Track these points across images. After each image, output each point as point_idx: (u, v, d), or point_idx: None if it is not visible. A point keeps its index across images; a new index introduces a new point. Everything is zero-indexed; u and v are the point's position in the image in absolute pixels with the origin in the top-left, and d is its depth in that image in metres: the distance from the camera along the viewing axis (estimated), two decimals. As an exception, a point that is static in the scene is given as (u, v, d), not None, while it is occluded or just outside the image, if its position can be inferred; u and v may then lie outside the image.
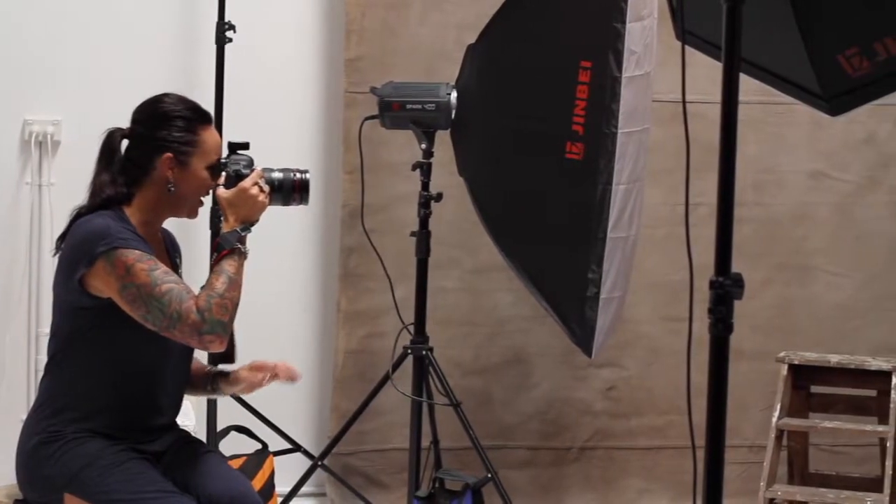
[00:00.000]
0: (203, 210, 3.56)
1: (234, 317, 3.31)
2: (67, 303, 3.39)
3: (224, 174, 3.47)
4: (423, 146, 4.67)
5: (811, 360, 5.00)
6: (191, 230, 4.68)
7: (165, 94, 3.50)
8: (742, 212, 4.73)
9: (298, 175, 3.54)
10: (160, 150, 3.41)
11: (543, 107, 4.52)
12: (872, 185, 5.52)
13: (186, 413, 4.01)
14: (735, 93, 2.45)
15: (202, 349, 3.38)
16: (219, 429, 4.90)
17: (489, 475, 4.68)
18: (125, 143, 3.47)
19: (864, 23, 2.83)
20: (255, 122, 5.00)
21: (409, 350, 4.73)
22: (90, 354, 3.39)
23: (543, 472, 5.42)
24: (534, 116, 4.54)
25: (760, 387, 5.31)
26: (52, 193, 5.11)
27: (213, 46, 4.95)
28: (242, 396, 4.76)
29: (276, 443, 4.92)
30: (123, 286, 3.27)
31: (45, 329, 3.99)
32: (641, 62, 4.39)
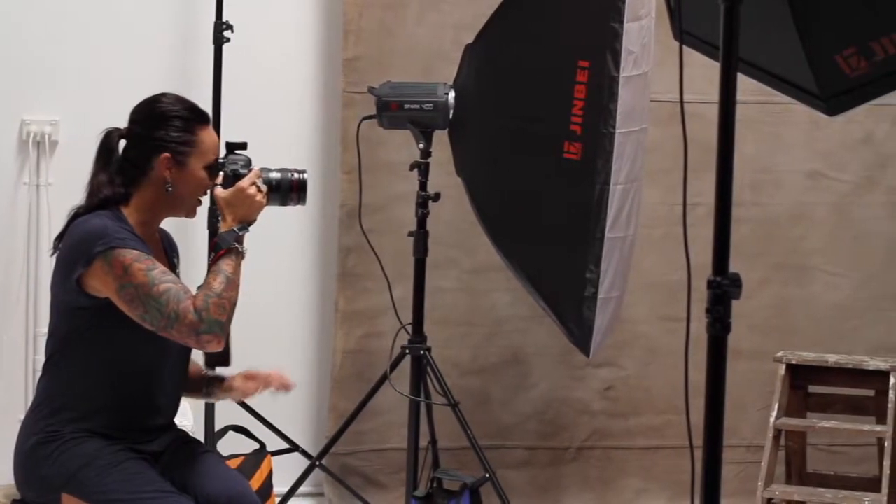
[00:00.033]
0: (201, 210, 3.57)
1: (232, 317, 3.31)
2: (65, 303, 3.39)
3: (222, 174, 3.47)
4: (421, 146, 4.67)
5: (809, 360, 5.00)
6: (189, 230, 4.68)
7: (163, 94, 3.50)
8: (740, 212, 4.75)
9: (296, 175, 3.54)
10: (158, 150, 3.41)
11: (541, 107, 4.52)
12: (870, 185, 5.52)
13: (184, 413, 4.01)
14: (733, 93, 2.45)
15: (200, 349, 3.38)
16: (217, 429, 4.89)
17: (487, 475, 4.68)
18: (123, 143, 3.47)
19: (862, 23, 2.84)
20: (253, 122, 4.99)
21: (407, 350, 4.73)
22: (88, 354, 3.38)
23: (541, 472, 5.42)
24: (531, 116, 4.54)
25: (758, 387, 5.31)
26: (50, 193, 5.11)
27: (211, 46, 4.95)
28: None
29: (274, 443, 4.92)
30: (121, 286, 3.27)
31: (43, 329, 4.00)
32: (639, 62, 4.39)
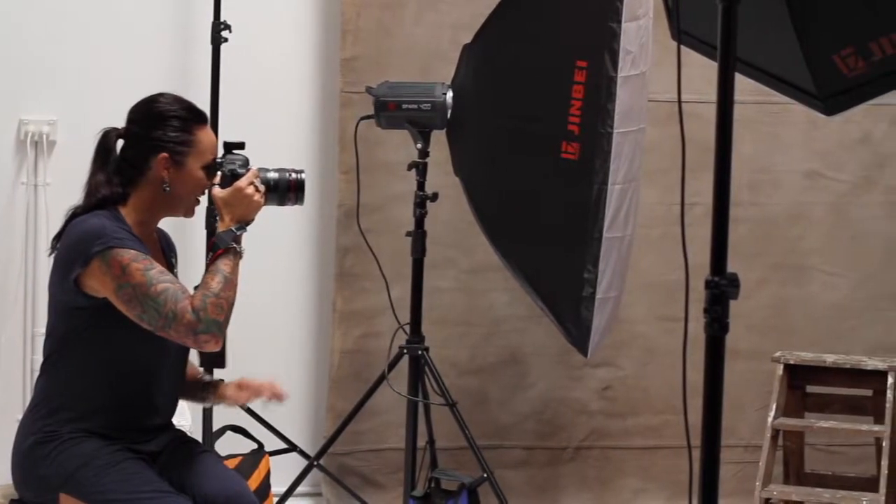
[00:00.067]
0: (199, 209, 3.56)
1: (230, 316, 3.31)
2: (63, 303, 3.39)
3: (220, 174, 3.47)
4: (419, 146, 4.67)
5: (807, 360, 5.00)
6: (187, 230, 4.68)
7: (161, 94, 3.49)
8: (737, 211, 4.74)
9: (294, 175, 3.54)
10: (156, 150, 3.41)
11: (539, 106, 4.52)
12: (868, 185, 5.52)
13: (182, 413, 4.01)
14: (731, 93, 2.45)
15: (197, 349, 3.38)
16: (215, 428, 4.89)
17: (485, 475, 4.68)
18: (121, 143, 3.47)
19: (860, 23, 2.84)
20: (251, 122, 4.99)
21: (405, 350, 4.73)
22: (86, 354, 3.38)
23: (539, 472, 5.42)
24: (529, 116, 4.54)
25: (756, 386, 5.31)
26: (48, 193, 5.10)
27: (209, 46, 4.95)
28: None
29: (272, 443, 4.91)
30: (119, 286, 3.27)
31: (41, 329, 3.99)
32: (637, 62, 4.39)
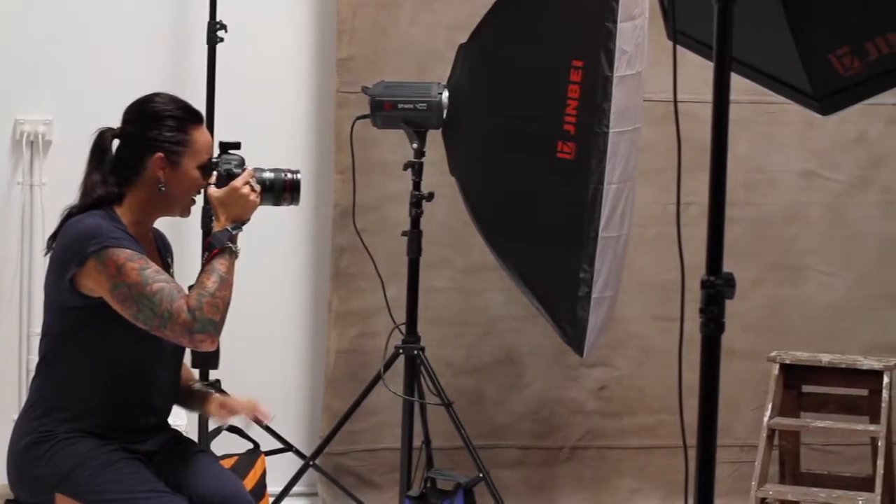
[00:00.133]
0: (195, 209, 3.56)
1: (226, 316, 3.30)
2: (58, 302, 3.39)
3: (215, 173, 3.47)
4: (415, 146, 4.67)
5: (803, 360, 5.00)
6: (182, 229, 4.67)
7: (156, 94, 3.49)
8: (733, 211, 4.72)
9: (290, 175, 3.54)
10: (151, 150, 3.40)
11: (535, 106, 4.52)
12: (864, 185, 5.52)
13: (178, 413, 4.00)
14: (726, 92, 2.45)
15: (193, 348, 3.37)
16: (210, 428, 4.89)
17: (481, 475, 4.68)
18: (116, 143, 3.46)
19: (856, 22, 2.84)
20: (247, 122, 4.98)
21: (401, 350, 4.72)
22: (81, 354, 3.38)
23: (535, 472, 5.42)
24: (525, 116, 4.54)
25: (752, 386, 5.31)
26: (44, 193, 5.10)
27: (205, 46, 4.95)
28: (235, 395, 4.75)
29: (268, 442, 4.91)
30: (114, 285, 3.27)
31: (37, 329, 3.99)
32: (633, 62, 4.39)
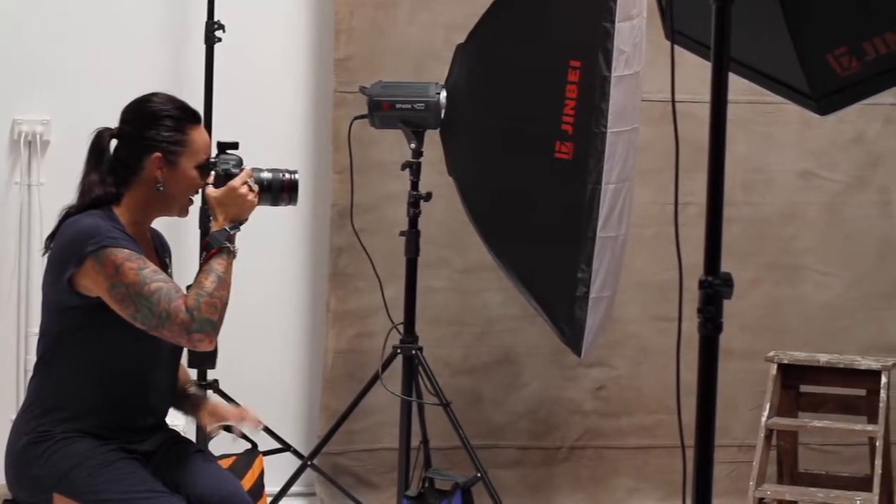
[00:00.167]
0: (193, 209, 3.56)
1: (224, 316, 3.30)
2: (56, 302, 3.39)
3: (213, 173, 3.47)
4: (413, 146, 4.67)
5: (800, 360, 5.01)
6: (180, 229, 4.67)
7: (154, 94, 3.49)
8: (731, 211, 4.70)
9: (287, 175, 3.54)
10: (149, 150, 3.40)
11: (533, 106, 4.52)
12: (861, 185, 5.52)
13: (175, 413, 3.99)
14: (724, 92, 2.45)
15: (191, 348, 3.37)
16: (208, 429, 4.89)
17: (479, 475, 4.68)
18: (114, 143, 3.47)
19: (854, 22, 2.84)
20: (245, 122, 4.99)
21: (399, 350, 4.72)
22: (79, 354, 3.38)
23: (533, 472, 5.42)
24: (523, 116, 4.54)
25: (750, 386, 5.31)
26: (42, 193, 5.10)
27: (203, 46, 4.95)
28: (232, 396, 4.76)
29: (266, 442, 4.91)
30: (112, 285, 3.27)
31: (35, 329, 3.97)
32: (631, 62, 4.39)
